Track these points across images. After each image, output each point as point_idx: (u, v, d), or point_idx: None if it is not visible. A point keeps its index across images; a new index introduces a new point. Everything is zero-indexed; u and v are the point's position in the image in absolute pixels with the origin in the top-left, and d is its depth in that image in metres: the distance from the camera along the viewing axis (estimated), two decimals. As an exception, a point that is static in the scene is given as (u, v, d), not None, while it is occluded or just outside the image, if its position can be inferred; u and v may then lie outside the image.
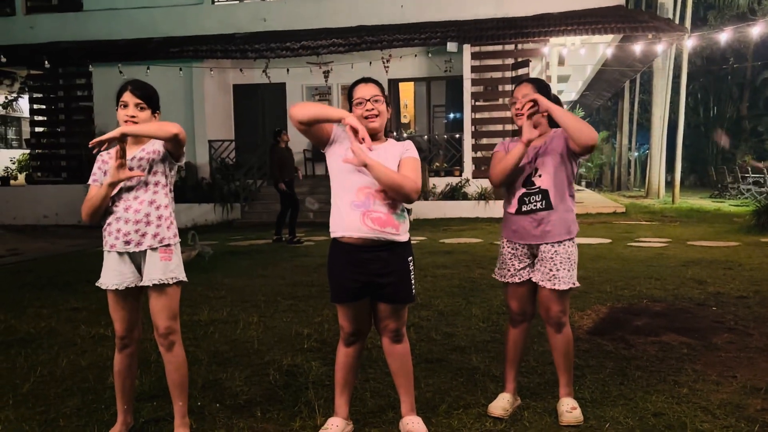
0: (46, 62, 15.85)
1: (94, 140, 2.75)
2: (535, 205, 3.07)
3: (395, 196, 2.78)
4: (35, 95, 17.16)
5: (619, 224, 12.16)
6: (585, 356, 4.03)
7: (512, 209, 3.14)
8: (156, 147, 2.94)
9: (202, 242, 8.90)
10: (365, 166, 2.71)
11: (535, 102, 3.01)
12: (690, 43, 15.86)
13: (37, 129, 17.48)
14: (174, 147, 2.90)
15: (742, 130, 29.82)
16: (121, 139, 2.76)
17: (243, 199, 14.56)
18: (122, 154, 2.77)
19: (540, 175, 3.08)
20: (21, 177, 19.74)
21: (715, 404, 3.21)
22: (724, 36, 13.69)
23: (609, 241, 9.60)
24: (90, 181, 2.94)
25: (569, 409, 3.06)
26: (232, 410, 3.30)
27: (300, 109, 2.76)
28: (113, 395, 3.22)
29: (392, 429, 3.01)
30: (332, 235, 2.88)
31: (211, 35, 15.86)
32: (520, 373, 3.42)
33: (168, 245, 2.90)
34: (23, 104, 19.20)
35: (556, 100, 3.14)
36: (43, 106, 17.10)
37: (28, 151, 19.06)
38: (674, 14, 19.08)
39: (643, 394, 3.38)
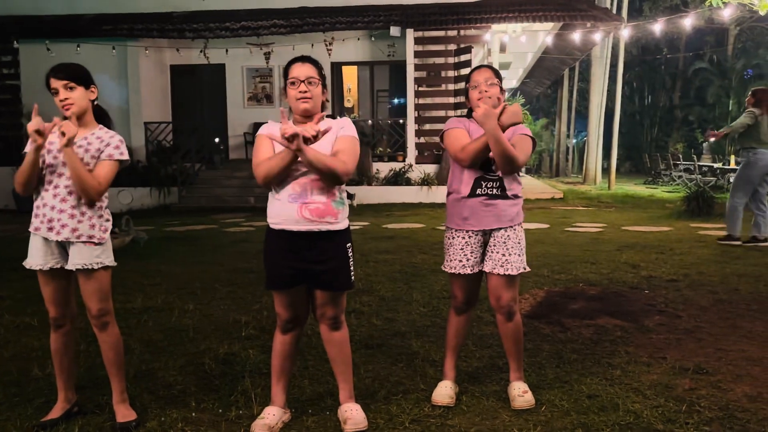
0: (-32, 38, 14.98)
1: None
2: (491, 191, 3.03)
3: (324, 180, 2.70)
4: (-43, 73, 16.24)
5: (557, 210, 12.43)
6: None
7: (465, 192, 3.05)
8: (97, 144, 2.83)
9: (137, 227, 8.62)
10: (299, 150, 2.58)
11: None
12: (626, 32, 16.23)
13: (-41, 108, 16.55)
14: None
15: (674, 119, 30.93)
16: None
17: (180, 183, 14.18)
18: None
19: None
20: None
21: (646, 385, 3.30)
22: (658, 27, 14.05)
23: (547, 226, 9.79)
24: (27, 149, 2.78)
25: (521, 393, 3.08)
26: (166, 401, 3.20)
27: (258, 177, 2.71)
28: (38, 387, 3.08)
29: (331, 416, 2.97)
30: (270, 226, 2.81)
31: (147, 14, 15.29)
32: (458, 357, 3.43)
33: (88, 242, 2.80)
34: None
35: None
36: (-34, 85, 16.19)
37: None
38: (612, 4, 19.53)
39: (578, 376, 3.45)
